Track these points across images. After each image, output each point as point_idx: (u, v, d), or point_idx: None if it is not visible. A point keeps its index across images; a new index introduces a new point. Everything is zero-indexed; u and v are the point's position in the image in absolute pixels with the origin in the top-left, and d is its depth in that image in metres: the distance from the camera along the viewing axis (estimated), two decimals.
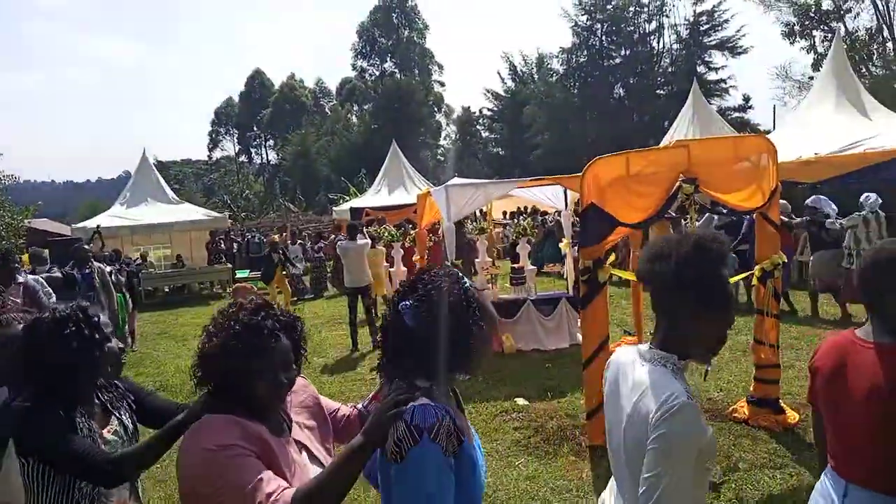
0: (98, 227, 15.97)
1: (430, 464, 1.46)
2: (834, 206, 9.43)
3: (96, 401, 2.20)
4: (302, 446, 1.79)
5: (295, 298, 14.15)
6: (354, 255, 9.40)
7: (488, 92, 47.03)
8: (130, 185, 19.60)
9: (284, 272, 13.39)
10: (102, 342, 2.10)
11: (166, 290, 17.53)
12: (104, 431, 2.13)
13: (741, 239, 10.15)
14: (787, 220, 9.14)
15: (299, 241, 18.40)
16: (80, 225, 17.65)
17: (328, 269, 16.51)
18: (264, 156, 72.48)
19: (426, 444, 1.45)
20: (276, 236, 15.56)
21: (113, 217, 17.92)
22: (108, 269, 9.27)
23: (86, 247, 8.74)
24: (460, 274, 1.72)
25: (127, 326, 9.89)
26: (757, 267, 5.21)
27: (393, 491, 1.51)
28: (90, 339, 2.06)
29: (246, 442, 1.58)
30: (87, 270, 8.25)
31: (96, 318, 2.10)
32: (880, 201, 9.03)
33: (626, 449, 1.63)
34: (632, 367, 1.69)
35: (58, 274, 8.08)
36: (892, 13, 29.75)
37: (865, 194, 9.17)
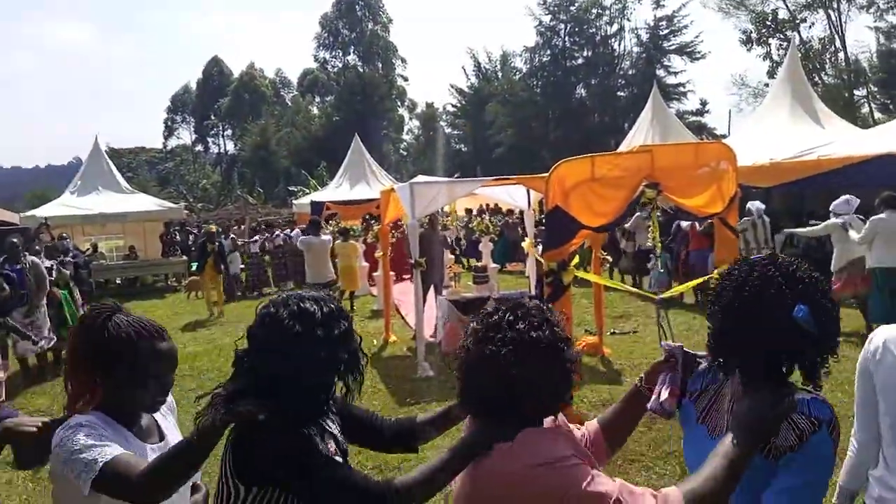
0: (45, 219, 15.41)
1: (829, 455, 1.48)
2: None
3: None
4: None
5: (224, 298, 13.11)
6: (318, 250, 9.31)
7: (453, 88, 47.06)
8: (81, 173, 19.01)
9: (222, 269, 12.67)
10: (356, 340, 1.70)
11: (118, 281, 17.06)
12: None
13: (671, 238, 11.33)
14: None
15: (231, 236, 16.44)
16: (29, 213, 17.03)
17: (267, 266, 15.80)
18: (222, 145, 70.99)
19: (825, 434, 1.47)
20: (213, 226, 14.56)
21: (63, 206, 17.35)
22: (49, 263, 8.64)
23: (14, 240, 7.80)
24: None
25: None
26: (716, 270, 5.32)
27: (782, 480, 1.47)
28: (346, 337, 1.63)
29: (579, 452, 1.46)
30: (17, 266, 7.49)
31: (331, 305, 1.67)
32: (764, 207, 10.04)
33: None
34: None
35: None
36: (843, 25, 30.82)
37: (752, 202, 10.10)
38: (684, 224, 10.57)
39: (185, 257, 17.27)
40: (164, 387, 1.79)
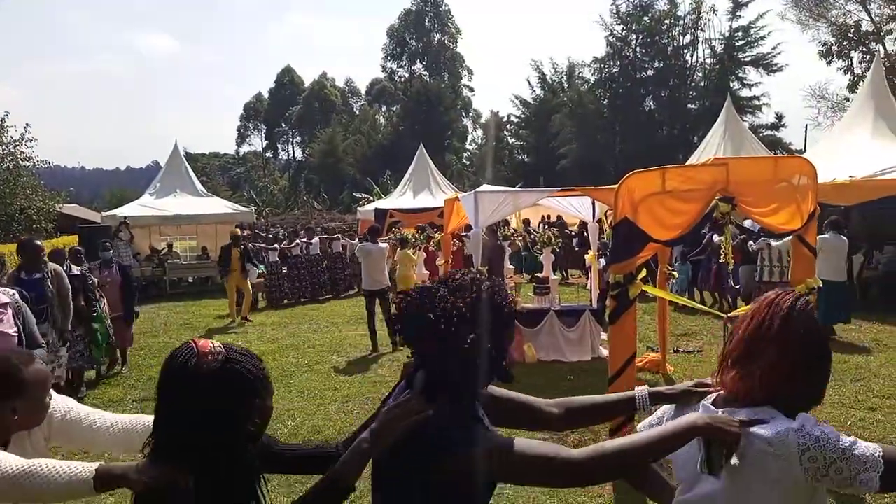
0: (125, 217, 16.20)
1: None
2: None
3: None
4: None
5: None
6: (376, 257, 9.45)
7: (516, 98, 46.98)
8: (161, 176, 19.84)
9: (245, 273, 12.20)
10: None
11: (190, 280, 17.72)
12: None
13: (700, 250, 11.79)
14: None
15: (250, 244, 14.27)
16: (111, 213, 17.89)
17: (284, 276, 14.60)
18: (291, 152, 73.12)
19: None
20: (237, 229, 13.43)
21: (142, 206, 18.16)
22: (78, 269, 7.43)
23: (37, 243, 6.30)
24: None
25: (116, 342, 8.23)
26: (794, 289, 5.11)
27: None
28: None
29: None
30: (36, 275, 6.06)
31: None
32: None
33: None
34: None
35: None
36: None
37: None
38: (717, 238, 10.93)
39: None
40: None
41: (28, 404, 1.93)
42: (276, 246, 14.86)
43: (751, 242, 10.72)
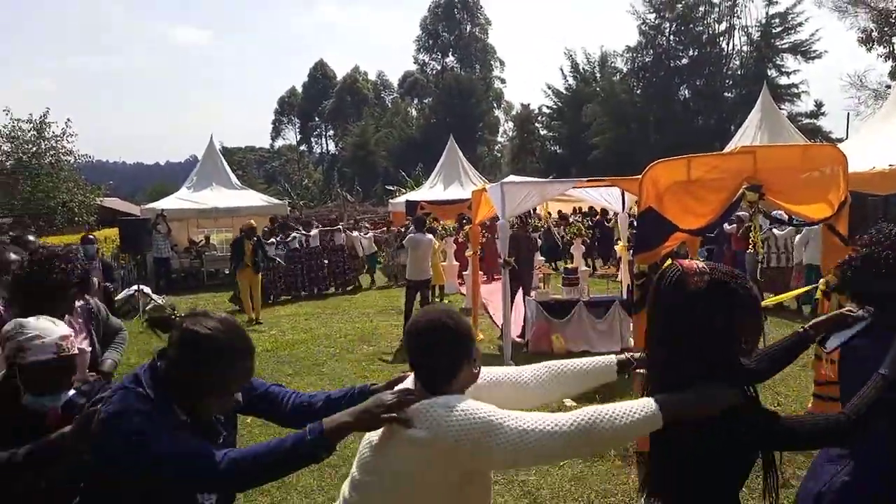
0: (162, 210, 16.60)
1: None
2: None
3: None
4: None
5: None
6: (425, 248, 9.62)
7: (549, 89, 46.57)
8: (198, 170, 20.25)
9: (266, 265, 12.05)
10: None
11: (226, 272, 18.10)
12: None
13: (712, 238, 11.93)
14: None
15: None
16: (149, 206, 18.34)
17: (280, 271, 13.97)
18: (324, 145, 73.88)
19: None
20: (252, 221, 12.67)
21: (180, 200, 18.58)
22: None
23: (11, 256, 4.24)
24: None
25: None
26: (822, 280, 5.04)
27: None
28: None
29: None
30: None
31: None
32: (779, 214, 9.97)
33: None
34: None
35: None
36: None
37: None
38: (728, 227, 11.27)
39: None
40: None
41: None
42: (272, 240, 13.91)
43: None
